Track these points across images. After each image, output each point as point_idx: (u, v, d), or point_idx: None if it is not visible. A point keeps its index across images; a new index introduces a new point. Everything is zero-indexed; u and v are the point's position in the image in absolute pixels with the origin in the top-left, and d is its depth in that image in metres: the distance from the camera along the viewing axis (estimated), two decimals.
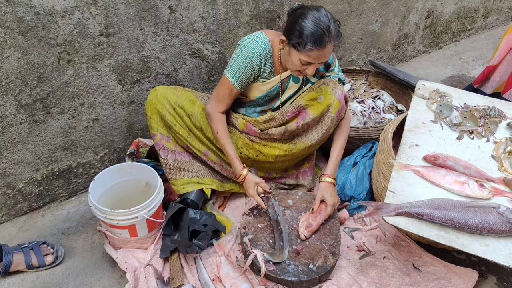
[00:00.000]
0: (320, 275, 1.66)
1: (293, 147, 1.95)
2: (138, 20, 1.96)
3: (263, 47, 1.77)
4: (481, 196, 1.57)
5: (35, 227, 2.01)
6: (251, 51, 1.75)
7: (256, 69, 1.80)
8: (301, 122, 1.88)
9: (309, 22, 1.59)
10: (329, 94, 1.85)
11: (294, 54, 1.67)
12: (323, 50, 1.63)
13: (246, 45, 1.76)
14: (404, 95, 2.62)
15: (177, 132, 1.89)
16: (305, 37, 1.60)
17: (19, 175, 1.97)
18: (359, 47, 3.05)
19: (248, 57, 1.75)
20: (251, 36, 1.78)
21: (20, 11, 1.65)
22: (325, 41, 1.60)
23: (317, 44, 1.60)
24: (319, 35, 1.59)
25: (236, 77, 1.78)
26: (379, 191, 1.89)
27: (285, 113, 1.90)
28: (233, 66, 1.78)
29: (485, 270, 1.79)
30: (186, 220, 1.80)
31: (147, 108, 1.90)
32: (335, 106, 1.86)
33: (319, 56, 1.65)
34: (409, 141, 1.82)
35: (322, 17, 1.60)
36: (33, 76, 1.80)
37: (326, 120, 1.89)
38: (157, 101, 1.87)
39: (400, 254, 1.83)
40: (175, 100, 1.87)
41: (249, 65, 1.77)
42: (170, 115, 1.88)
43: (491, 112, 1.95)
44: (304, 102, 1.88)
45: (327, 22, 1.60)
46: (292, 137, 1.96)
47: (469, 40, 3.80)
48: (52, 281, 1.76)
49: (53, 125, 1.95)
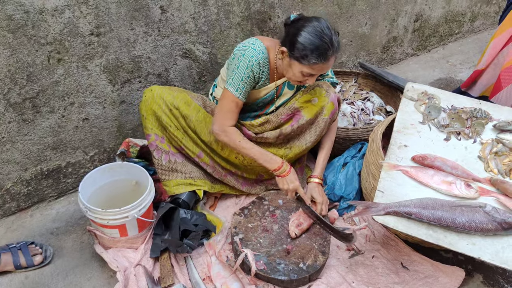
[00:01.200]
0: (310, 274, 1.67)
1: (289, 152, 1.97)
2: (129, 19, 1.95)
3: (261, 55, 1.75)
4: (468, 196, 1.60)
5: (23, 227, 1.99)
6: (251, 60, 1.73)
7: (256, 76, 1.79)
8: (296, 125, 1.89)
9: (312, 35, 1.59)
10: (323, 96, 1.87)
11: (296, 66, 1.67)
12: (327, 63, 1.64)
13: (244, 54, 1.73)
14: (393, 97, 2.66)
15: (172, 133, 1.88)
16: (309, 51, 1.59)
17: (8, 175, 1.95)
18: (348, 49, 3.08)
19: (249, 66, 1.73)
20: (247, 44, 1.76)
21: (9, 9, 1.64)
22: (329, 54, 1.62)
23: (322, 58, 1.61)
24: (324, 49, 1.59)
25: (240, 89, 1.75)
26: (368, 191, 1.91)
27: (280, 116, 1.91)
28: (234, 78, 1.74)
29: (471, 269, 1.82)
30: (177, 220, 1.80)
31: (142, 108, 1.87)
32: (329, 108, 1.88)
33: (323, 68, 1.67)
34: (398, 142, 1.85)
35: (324, 29, 1.60)
36: (23, 74, 1.78)
37: (320, 122, 1.91)
38: (153, 101, 1.84)
39: (389, 253, 1.85)
40: (171, 101, 1.85)
41: (251, 74, 1.75)
42: (166, 115, 1.85)
43: (477, 114, 1.99)
44: (298, 104, 1.90)
45: (330, 35, 1.60)
46: (287, 140, 1.97)
47: (456, 44, 3.87)
48: (41, 281, 1.74)
49: (42, 124, 1.94)
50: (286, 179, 1.83)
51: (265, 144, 1.98)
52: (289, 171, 1.83)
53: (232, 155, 1.96)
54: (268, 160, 1.83)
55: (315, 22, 1.61)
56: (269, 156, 1.83)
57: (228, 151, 1.96)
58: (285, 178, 1.83)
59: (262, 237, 1.82)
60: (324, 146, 2.02)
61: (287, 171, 1.83)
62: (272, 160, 1.83)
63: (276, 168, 1.82)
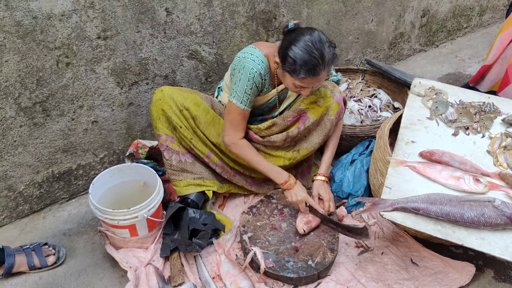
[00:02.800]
0: (319, 271, 1.68)
1: (297, 155, 1.98)
2: (135, 22, 1.98)
3: (261, 65, 1.75)
4: (476, 191, 1.59)
5: (36, 229, 2.03)
6: (251, 72, 1.73)
7: (259, 87, 1.80)
8: (302, 127, 1.90)
9: (302, 50, 1.57)
10: (328, 96, 1.87)
11: (288, 78, 1.68)
12: (317, 77, 1.62)
13: (244, 66, 1.73)
14: (401, 93, 2.64)
15: (182, 134, 1.89)
16: (298, 66, 1.58)
17: (20, 178, 1.99)
18: (355, 46, 3.07)
19: (250, 78, 1.73)
20: (246, 55, 1.76)
21: (18, 15, 1.67)
22: (319, 69, 1.59)
23: (311, 74, 1.59)
24: (312, 64, 1.57)
25: (244, 102, 1.77)
26: (376, 188, 1.91)
27: (286, 118, 1.92)
28: (238, 92, 1.76)
29: (482, 264, 1.80)
30: (186, 220, 1.82)
31: (153, 108, 1.88)
32: (334, 109, 1.88)
33: (313, 82, 1.66)
34: (405, 138, 1.84)
35: (315, 43, 1.57)
36: (33, 79, 1.82)
37: (326, 123, 1.92)
38: (163, 101, 1.84)
39: (398, 250, 1.85)
40: (181, 101, 1.85)
41: (253, 86, 1.76)
42: (176, 116, 1.86)
43: (486, 108, 1.97)
44: (304, 106, 1.90)
45: (320, 49, 1.57)
46: (294, 143, 1.98)
47: (465, 38, 3.83)
48: (54, 282, 1.77)
49: (52, 128, 1.97)
50: (293, 191, 1.85)
51: (272, 147, 1.99)
52: (295, 184, 1.86)
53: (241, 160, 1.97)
54: (275, 174, 1.88)
55: (307, 36, 1.58)
56: (277, 170, 1.88)
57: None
58: (291, 191, 1.86)
59: (270, 235, 1.83)
60: (329, 144, 2.02)
61: (293, 184, 1.86)
62: (279, 174, 1.87)
63: (283, 182, 1.86)
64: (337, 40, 2.92)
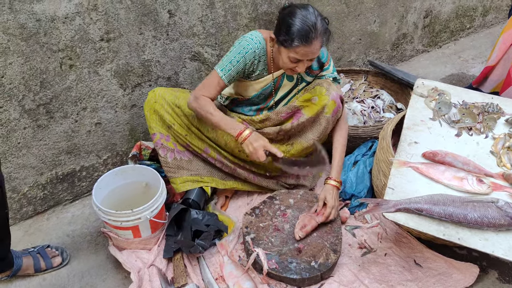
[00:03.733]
0: (322, 273, 1.67)
1: (290, 148, 1.97)
2: (138, 24, 1.99)
3: (257, 44, 1.81)
4: (480, 191, 1.58)
5: (40, 230, 2.04)
6: (246, 47, 1.79)
7: (248, 64, 1.82)
8: (296, 122, 1.91)
9: (296, 19, 1.63)
10: (323, 95, 1.87)
11: (283, 52, 1.72)
12: (310, 46, 1.66)
13: (240, 42, 1.81)
14: (404, 94, 2.64)
15: (177, 131, 1.93)
16: (291, 34, 1.64)
17: (24, 179, 2.00)
18: (358, 47, 3.07)
19: (242, 52, 1.79)
20: (246, 35, 1.83)
21: (22, 18, 1.68)
22: (312, 37, 1.64)
23: (304, 41, 1.64)
24: (305, 31, 1.62)
25: (225, 70, 1.79)
26: (379, 189, 1.91)
27: (280, 114, 1.93)
28: (224, 60, 1.81)
29: (486, 265, 1.79)
30: (189, 221, 1.82)
31: (146, 108, 1.94)
32: (330, 107, 1.88)
33: (307, 52, 1.68)
34: (408, 138, 1.84)
35: (308, 14, 1.64)
36: (36, 81, 1.83)
37: (322, 121, 1.91)
38: (155, 101, 1.91)
39: (402, 251, 1.84)
40: (172, 100, 1.92)
41: (242, 60, 1.79)
42: (168, 114, 1.91)
43: (489, 109, 1.96)
44: (298, 103, 1.91)
45: (313, 19, 1.63)
46: (288, 137, 1.98)
47: (468, 39, 3.82)
48: (58, 283, 1.78)
49: (56, 130, 1.98)
50: (248, 141, 1.73)
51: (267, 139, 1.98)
52: (251, 133, 1.74)
53: (236, 150, 1.98)
54: (230, 127, 1.77)
55: (301, 9, 1.66)
56: (232, 123, 1.77)
57: (231, 146, 1.97)
58: (247, 141, 1.73)
59: (273, 236, 1.83)
60: (337, 147, 1.95)
61: (248, 134, 1.74)
62: (234, 127, 1.76)
63: (238, 133, 1.74)
64: (339, 41, 2.92)
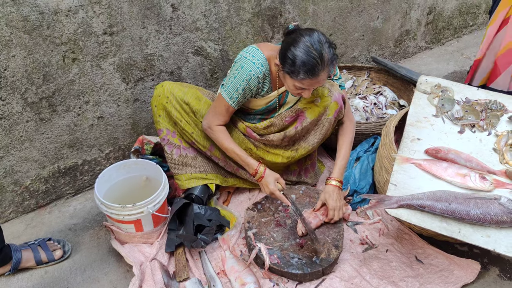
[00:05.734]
0: (323, 268, 1.68)
1: (295, 154, 1.97)
2: (141, 18, 1.98)
3: (260, 68, 1.74)
4: (482, 188, 1.58)
5: (42, 223, 2.04)
6: (249, 74, 1.73)
7: (254, 89, 1.79)
8: (300, 127, 1.88)
9: (300, 50, 1.55)
10: (325, 96, 1.85)
11: (289, 80, 1.66)
12: (317, 78, 1.60)
13: (243, 66, 1.73)
14: (406, 91, 2.64)
15: (183, 128, 1.91)
16: (297, 66, 1.56)
17: (26, 173, 2.00)
18: (361, 44, 3.06)
19: (245, 79, 1.73)
20: (248, 55, 1.75)
21: (25, 10, 1.68)
22: (318, 70, 1.56)
23: (310, 74, 1.57)
24: (311, 65, 1.55)
25: (233, 98, 1.77)
26: (381, 185, 1.91)
27: (284, 118, 1.90)
28: (230, 87, 1.76)
29: (487, 262, 1.80)
30: (191, 215, 1.82)
31: (153, 103, 1.92)
32: (332, 108, 1.86)
33: (313, 83, 1.63)
34: (411, 135, 1.84)
35: (314, 43, 1.55)
36: (39, 74, 1.83)
37: (324, 122, 1.89)
38: (163, 96, 1.88)
39: (403, 247, 1.84)
40: (181, 96, 1.88)
41: (247, 87, 1.75)
42: (176, 111, 1.89)
43: (492, 106, 1.96)
44: (301, 105, 1.88)
45: (319, 49, 1.54)
46: (293, 142, 1.97)
47: (471, 36, 3.81)
48: (60, 276, 1.78)
49: (59, 123, 1.98)
50: (262, 183, 1.83)
51: (271, 146, 1.98)
52: (263, 176, 1.82)
53: (242, 146, 1.97)
54: (245, 165, 1.86)
55: (306, 37, 1.56)
56: (246, 161, 1.84)
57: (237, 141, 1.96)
58: (261, 183, 1.84)
59: (275, 231, 1.83)
60: (342, 147, 1.92)
61: (262, 175, 1.82)
62: (249, 166, 1.85)
63: (253, 173, 1.84)
64: (342, 37, 2.91)
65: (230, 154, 1.88)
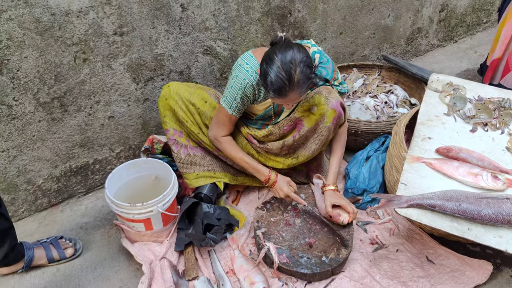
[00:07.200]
0: (333, 268, 1.67)
1: (295, 161, 1.96)
2: (151, 18, 1.99)
3: (254, 76, 1.71)
4: (495, 188, 1.56)
5: (54, 222, 2.07)
6: (243, 82, 1.72)
7: (250, 96, 1.78)
8: (297, 135, 1.87)
9: (271, 70, 1.51)
10: (322, 104, 1.79)
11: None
12: (285, 98, 1.57)
13: (238, 75, 1.72)
14: (418, 89, 2.61)
15: (189, 128, 1.93)
16: (267, 84, 1.54)
17: (39, 172, 2.03)
18: (371, 42, 3.04)
19: (241, 87, 1.73)
20: (242, 63, 1.73)
21: (37, 11, 1.70)
22: (285, 91, 1.52)
23: (277, 94, 1.54)
24: (278, 86, 1.51)
25: (233, 108, 1.78)
26: (391, 184, 1.89)
27: (282, 127, 1.89)
28: (228, 96, 1.76)
29: (500, 263, 1.77)
30: (200, 214, 1.83)
31: (160, 103, 1.94)
32: (330, 116, 1.80)
33: (284, 102, 1.62)
34: (422, 134, 1.82)
35: (284, 64, 1.49)
36: (51, 75, 1.85)
37: (323, 130, 1.85)
38: (169, 97, 1.90)
39: (414, 247, 1.83)
40: (187, 97, 1.90)
41: (243, 95, 1.75)
42: (182, 111, 1.91)
43: (505, 104, 1.93)
44: (298, 114, 1.85)
45: (288, 70, 1.49)
46: (293, 150, 1.95)
47: (484, 33, 3.75)
48: (71, 274, 1.81)
49: (70, 123, 2.00)
50: (276, 188, 1.87)
51: (271, 153, 1.97)
52: (276, 181, 1.87)
53: (245, 150, 1.97)
54: (255, 172, 1.91)
55: (279, 55, 1.50)
56: (256, 168, 1.89)
57: (242, 145, 1.97)
58: (274, 188, 1.88)
59: (284, 230, 1.83)
60: (335, 153, 1.95)
61: (274, 180, 1.87)
62: (259, 173, 1.90)
63: (265, 180, 1.89)
64: (353, 35, 2.89)
65: (239, 163, 1.91)
